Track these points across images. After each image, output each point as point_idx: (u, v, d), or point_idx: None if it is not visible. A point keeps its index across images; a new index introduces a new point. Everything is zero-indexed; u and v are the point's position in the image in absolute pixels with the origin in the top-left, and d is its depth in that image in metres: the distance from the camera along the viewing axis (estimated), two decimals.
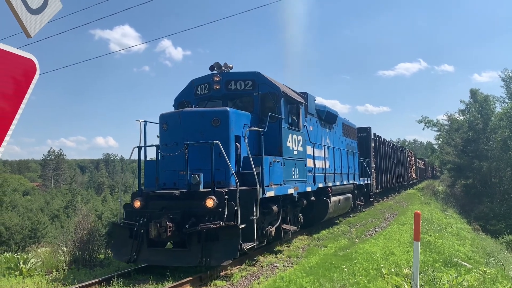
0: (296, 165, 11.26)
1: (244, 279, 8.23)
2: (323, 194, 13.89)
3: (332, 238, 12.76)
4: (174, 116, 9.49)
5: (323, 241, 12.30)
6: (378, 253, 9.88)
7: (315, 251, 10.58)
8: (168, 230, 8.15)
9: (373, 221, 17.58)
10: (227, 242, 8.10)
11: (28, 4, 2.50)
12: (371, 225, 16.10)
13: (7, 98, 2.18)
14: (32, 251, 13.34)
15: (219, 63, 10.70)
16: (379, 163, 27.21)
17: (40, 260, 10.22)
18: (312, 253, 10.30)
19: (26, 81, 2.30)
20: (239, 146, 9.59)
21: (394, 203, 27.82)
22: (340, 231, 14.56)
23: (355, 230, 14.61)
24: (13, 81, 2.21)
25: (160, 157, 9.67)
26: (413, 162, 49.52)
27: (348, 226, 15.71)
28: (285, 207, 11.03)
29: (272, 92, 10.54)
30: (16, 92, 2.23)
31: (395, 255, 9.69)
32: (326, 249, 11.03)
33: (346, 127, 19.04)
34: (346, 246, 11.39)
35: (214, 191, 8.42)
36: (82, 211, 13.81)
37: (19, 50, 2.28)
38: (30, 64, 2.32)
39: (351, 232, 14.31)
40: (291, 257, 10.15)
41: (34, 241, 29.18)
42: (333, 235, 13.46)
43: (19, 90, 2.25)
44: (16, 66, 2.23)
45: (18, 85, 2.25)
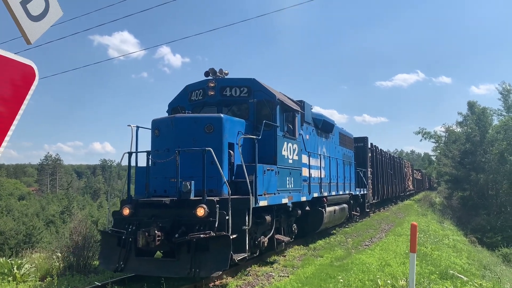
0: (291, 174, 11.04)
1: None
2: (318, 204, 13.66)
3: (328, 248, 12.69)
4: (166, 122, 9.27)
5: (319, 251, 12.24)
6: (374, 264, 9.86)
7: (311, 261, 10.52)
8: (157, 239, 7.89)
9: (370, 231, 17.54)
10: (217, 253, 7.85)
11: (29, 11, 2.53)
12: (367, 236, 16.04)
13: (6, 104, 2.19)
14: (26, 256, 13.32)
15: (214, 69, 10.51)
16: (376, 173, 27.00)
17: (34, 266, 10.20)
18: (308, 263, 10.24)
19: (25, 87, 2.32)
20: (233, 153, 9.37)
21: (390, 214, 27.70)
22: (337, 241, 14.48)
23: (351, 241, 14.54)
24: (12, 87, 2.23)
25: (151, 163, 9.43)
26: (410, 173, 49.34)
27: (344, 237, 15.63)
28: (279, 217, 10.79)
29: (268, 99, 10.34)
30: (14, 98, 2.24)
31: (391, 267, 9.66)
32: (322, 259, 10.98)
33: (343, 137, 18.86)
34: (342, 256, 11.33)
35: (205, 199, 8.18)
36: (77, 217, 13.74)
37: (19, 56, 2.30)
38: (30, 70, 2.34)
39: (348, 242, 14.22)
40: (287, 267, 10.06)
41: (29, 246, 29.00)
42: (329, 245, 13.39)
43: (18, 96, 2.27)
44: (16, 72, 2.25)
45: (17, 91, 2.27)
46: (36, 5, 2.61)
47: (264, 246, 9.59)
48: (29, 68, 2.35)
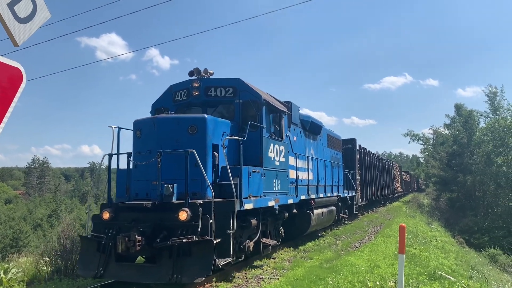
0: (277, 176, 10.80)
1: None
2: (306, 206, 13.45)
3: (318, 250, 12.69)
4: (148, 123, 8.98)
5: (308, 253, 12.21)
6: (363, 266, 9.87)
7: (300, 263, 10.48)
8: (137, 244, 7.60)
9: (359, 233, 17.57)
10: (200, 258, 7.58)
11: (16, 13, 2.50)
12: (356, 238, 16.04)
13: None
14: (13, 260, 13.33)
15: (198, 68, 10.25)
16: (364, 175, 26.92)
17: (21, 270, 10.05)
18: (298, 265, 10.22)
19: (12, 89, 2.27)
20: (217, 155, 9.11)
21: (379, 215, 27.75)
22: (326, 243, 14.49)
23: (341, 242, 14.52)
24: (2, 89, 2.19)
25: (133, 166, 9.13)
26: (398, 175, 49.47)
27: (334, 238, 15.62)
28: (266, 220, 10.55)
29: (254, 99, 10.10)
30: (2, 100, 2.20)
31: (380, 268, 9.67)
32: (311, 261, 10.97)
33: (331, 138, 18.70)
34: (332, 258, 11.34)
35: (188, 203, 7.91)
36: (65, 220, 13.62)
37: (6, 58, 2.25)
38: (17, 73, 2.30)
39: (337, 244, 14.20)
40: (277, 269, 10.00)
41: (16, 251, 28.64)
42: (319, 247, 13.39)
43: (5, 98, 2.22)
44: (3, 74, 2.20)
45: (4, 93, 2.21)
46: (24, 7, 2.58)
47: (249, 251, 9.33)
48: (17, 71, 2.31)
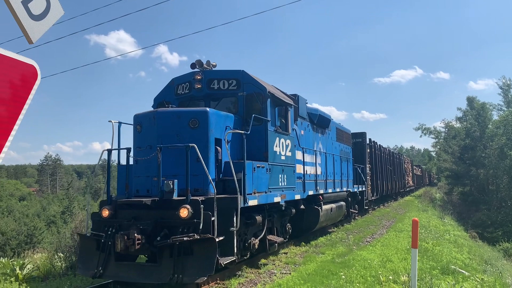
0: (283, 171, 10.45)
1: (241, 286, 8.07)
2: (314, 202, 13.09)
3: (330, 245, 12.62)
4: (148, 117, 8.67)
5: (320, 248, 12.17)
6: (375, 260, 9.84)
7: (312, 258, 10.47)
8: (137, 243, 7.31)
9: (371, 228, 17.42)
10: (202, 257, 7.28)
11: (30, 10, 2.49)
12: (368, 232, 15.92)
13: (6, 104, 2.14)
14: (28, 256, 13.67)
15: (201, 60, 9.91)
16: (375, 169, 26.44)
17: (36, 266, 10.19)
18: (310, 260, 10.21)
19: (27, 86, 2.26)
20: (220, 150, 8.79)
21: (391, 210, 27.50)
22: (338, 238, 14.37)
23: (352, 237, 14.38)
24: (13, 86, 2.18)
25: (134, 161, 8.85)
26: (410, 169, 48.83)
27: (345, 233, 15.48)
28: (272, 217, 10.21)
29: (258, 92, 9.74)
30: (16, 98, 2.19)
31: (393, 262, 9.64)
32: (323, 256, 10.94)
33: (340, 132, 18.28)
34: (344, 253, 11.29)
35: (189, 199, 7.60)
36: (78, 217, 13.77)
37: (21, 55, 2.24)
38: (31, 70, 2.28)
39: (349, 239, 14.09)
40: (289, 264, 9.99)
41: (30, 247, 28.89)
42: (331, 242, 13.29)
43: (20, 96, 2.21)
44: (17, 71, 2.20)
45: (18, 91, 2.21)
46: (38, 4, 2.57)
47: (254, 248, 9.01)
48: (31, 68, 2.28)
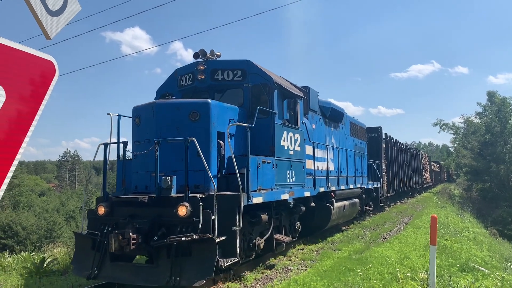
0: (292, 166, 9.90)
1: (257, 282, 8.03)
2: (326, 199, 12.52)
3: (346, 242, 12.58)
4: (147, 109, 8.20)
5: (337, 245, 12.14)
6: (393, 257, 9.79)
7: (329, 255, 10.45)
8: (132, 243, 6.86)
9: (388, 224, 17.31)
10: (201, 258, 6.80)
11: (47, 6, 2.53)
12: (386, 229, 15.83)
13: (27, 100, 2.16)
14: (48, 251, 13.71)
15: (204, 50, 9.39)
16: (391, 165, 25.67)
17: (56, 260, 10.29)
18: (326, 257, 10.18)
19: (45, 82, 2.27)
20: (223, 144, 8.29)
21: (408, 206, 27.06)
22: (355, 234, 14.32)
23: (369, 234, 14.34)
24: (32, 82, 2.18)
25: (132, 156, 8.42)
26: (427, 164, 47.74)
27: (362, 230, 15.41)
28: (279, 215, 9.69)
29: (264, 83, 9.19)
30: (35, 94, 2.21)
31: (411, 259, 9.57)
32: (340, 252, 10.92)
33: (354, 127, 17.62)
34: (361, 249, 11.24)
35: (188, 196, 7.11)
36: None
37: (39, 51, 2.23)
38: (50, 65, 2.29)
39: (366, 235, 14.05)
40: (305, 260, 9.96)
41: (50, 241, 29.16)
42: (347, 239, 13.23)
43: (39, 92, 2.23)
44: (36, 67, 2.20)
45: (37, 87, 2.22)
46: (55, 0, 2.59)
47: (260, 249, 8.49)
48: (49, 64, 2.27)
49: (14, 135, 2.10)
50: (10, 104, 2.06)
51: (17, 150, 2.11)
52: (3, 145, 2.04)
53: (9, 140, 2.06)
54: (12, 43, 2.11)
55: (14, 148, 2.10)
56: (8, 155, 2.06)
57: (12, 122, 2.09)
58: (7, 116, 2.06)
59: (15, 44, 2.13)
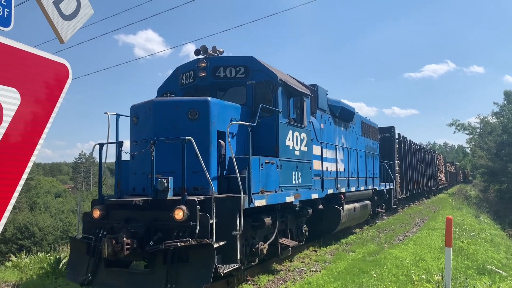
0: (297, 167, 9.47)
1: (271, 283, 8.06)
2: (335, 201, 12.06)
3: (361, 243, 12.54)
4: (144, 108, 7.86)
5: (351, 246, 12.11)
6: (408, 259, 9.73)
7: (343, 256, 10.44)
8: (125, 248, 6.51)
9: (403, 226, 17.18)
10: (198, 265, 6.42)
11: (61, 10, 2.63)
12: (400, 230, 15.70)
13: (41, 103, 2.21)
14: (64, 251, 13.64)
15: (205, 46, 9.03)
16: (404, 166, 25.04)
17: None
18: (340, 258, 10.17)
19: (59, 85, 2.32)
20: (224, 144, 7.91)
21: (423, 208, 26.60)
22: (369, 236, 14.27)
23: (384, 235, 14.28)
24: (47, 85, 2.23)
25: (130, 157, 8.09)
26: (442, 165, 46.79)
27: (376, 231, 15.34)
28: (285, 218, 9.27)
29: (268, 80, 8.79)
30: (49, 97, 2.25)
31: (426, 261, 9.50)
32: (354, 254, 10.90)
33: (365, 126, 17.11)
34: (375, 251, 11.19)
35: (186, 199, 6.74)
36: None
37: (53, 55, 2.28)
38: (63, 69, 2.34)
39: (380, 237, 14.00)
40: (319, 261, 9.99)
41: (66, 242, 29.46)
42: (361, 240, 13.19)
43: (53, 95, 2.28)
44: (50, 71, 2.25)
45: (52, 90, 2.27)
46: (68, 4, 2.65)
47: (263, 254, 8.07)
48: (63, 67, 2.34)
49: (29, 137, 2.14)
50: (25, 107, 2.10)
51: (32, 152, 2.15)
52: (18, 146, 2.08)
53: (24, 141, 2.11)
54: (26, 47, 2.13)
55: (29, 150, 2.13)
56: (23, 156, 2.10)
57: (27, 124, 2.13)
58: (23, 118, 2.09)
59: (29, 48, 2.15)
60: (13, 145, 2.07)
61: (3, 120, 2.02)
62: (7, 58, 2.05)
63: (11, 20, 2.33)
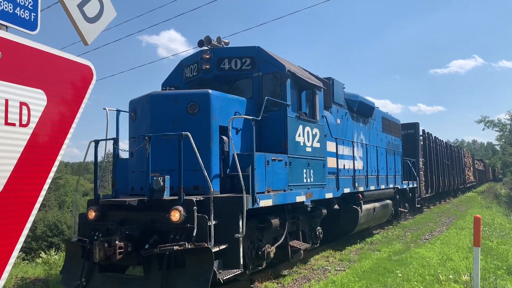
0: (309, 165, 8.87)
1: (295, 282, 8.01)
2: (352, 201, 11.39)
3: (386, 242, 12.38)
4: (142, 102, 7.41)
5: (376, 245, 11.97)
6: (434, 259, 9.58)
7: (368, 255, 10.34)
8: (118, 252, 6.05)
9: (429, 225, 16.84)
10: (195, 270, 5.92)
11: (85, 13, 2.73)
12: (427, 230, 15.43)
13: (67, 103, 2.26)
14: None
15: (209, 37, 8.52)
16: (429, 164, 24.03)
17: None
18: (365, 257, 10.08)
19: (84, 86, 2.37)
20: (227, 140, 7.38)
21: (451, 206, 25.91)
22: (395, 235, 14.08)
23: (410, 234, 14.06)
24: (71, 86, 2.29)
25: (129, 155, 7.66)
26: (470, 163, 45.18)
27: (402, 230, 15.09)
28: (296, 219, 8.69)
29: (275, 71, 8.22)
30: (74, 97, 2.31)
31: (453, 261, 9.34)
32: (379, 253, 10.76)
33: (386, 122, 16.34)
34: (401, 250, 11.02)
35: (183, 199, 6.25)
36: None
37: (77, 57, 2.33)
38: (88, 70, 2.38)
39: (406, 236, 13.80)
40: (343, 260, 9.92)
41: None
42: (387, 239, 13.04)
43: (78, 96, 2.33)
44: (74, 72, 2.30)
45: (77, 91, 2.33)
46: (92, 7, 2.76)
47: (270, 258, 7.51)
48: (87, 68, 2.38)
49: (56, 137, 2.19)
50: (51, 108, 2.15)
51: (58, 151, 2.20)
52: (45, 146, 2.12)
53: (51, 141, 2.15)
54: (52, 50, 2.16)
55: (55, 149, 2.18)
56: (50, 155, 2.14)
57: (54, 124, 2.18)
58: (49, 119, 2.14)
59: (54, 50, 2.18)
60: (41, 145, 2.12)
61: (31, 121, 2.06)
62: (33, 60, 2.09)
63: (38, 24, 2.41)
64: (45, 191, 2.11)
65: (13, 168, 1.99)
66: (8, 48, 1.98)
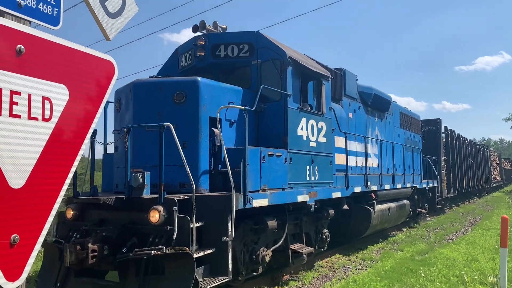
0: (313, 162, 8.11)
1: (316, 280, 7.99)
2: (365, 201, 10.58)
3: (409, 242, 12.23)
4: (126, 91, 6.79)
5: (399, 245, 11.80)
6: (459, 259, 9.42)
7: (390, 255, 10.22)
8: (91, 256, 5.44)
9: (454, 225, 16.48)
10: (175, 278, 5.27)
11: (107, 8, 2.72)
12: (451, 230, 15.11)
13: (89, 99, 2.26)
14: None
15: (204, 21, 7.84)
16: (452, 162, 22.88)
17: None
18: (387, 257, 9.96)
19: (106, 82, 2.37)
20: (218, 133, 6.70)
21: (477, 206, 25.03)
22: (418, 234, 13.85)
23: (434, 234, 13.84)
24: (93, 82, 2.29)
25: (114, 149, 7.07)
26: (496, 162, 43.44)
27: (426, 230, 14.83)
28: (299, 220, 7.97)
29: (275, 58, 7.49)
30: (96, 93, 2.31)
31: (479, 262, 9.12)
32: (402, 253, 10.61)
33: (405, 118, 15.41)
34: (424, 250, 10.86)
35: (163, 198, 5.60)
36: None
37: (100, 52, 2.34)
38: (109, 65, 2.38)
39: (430, 236, 13.58)
40: (365, 260, 9.85)
41: None
42: (410, 239, 12.86)
43: (100, 91, 2.33)
44: (96, 67, 2.30)
45: (99, 86, 2.32)
46: (114, 2, 2.75)
47: (265, 261, 6.80)
48: (109, 64, 2.38)
49: (78, 132, 2.19)
50: (73, 103, 2.16)
51: (80, 146, 2.20)
52: (67, 141, 2.14)
53: (73, 136, 2.16)
54: (74, 45, 2.17)
55: (77, 144, 2.19)
56: (72, 150, 2.16)
57: (76, 119, 2.18)
58: (71, 113, 2.15)
59: (77, 45, 2.19)
60: (63, 140, 2.12)
61: (53, 115, 2.06)
62: (56, 55, 2.08)
63: (60, 19, 2.38)
64: (66, 185, 2.10)
65: (35, 163, 1.95)
66: (32, 43, 1.94)
